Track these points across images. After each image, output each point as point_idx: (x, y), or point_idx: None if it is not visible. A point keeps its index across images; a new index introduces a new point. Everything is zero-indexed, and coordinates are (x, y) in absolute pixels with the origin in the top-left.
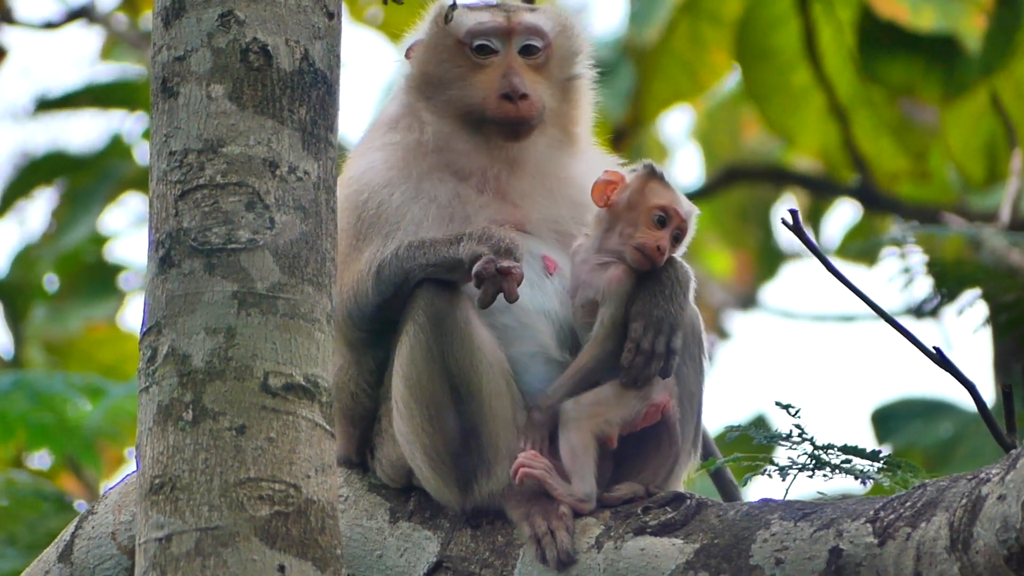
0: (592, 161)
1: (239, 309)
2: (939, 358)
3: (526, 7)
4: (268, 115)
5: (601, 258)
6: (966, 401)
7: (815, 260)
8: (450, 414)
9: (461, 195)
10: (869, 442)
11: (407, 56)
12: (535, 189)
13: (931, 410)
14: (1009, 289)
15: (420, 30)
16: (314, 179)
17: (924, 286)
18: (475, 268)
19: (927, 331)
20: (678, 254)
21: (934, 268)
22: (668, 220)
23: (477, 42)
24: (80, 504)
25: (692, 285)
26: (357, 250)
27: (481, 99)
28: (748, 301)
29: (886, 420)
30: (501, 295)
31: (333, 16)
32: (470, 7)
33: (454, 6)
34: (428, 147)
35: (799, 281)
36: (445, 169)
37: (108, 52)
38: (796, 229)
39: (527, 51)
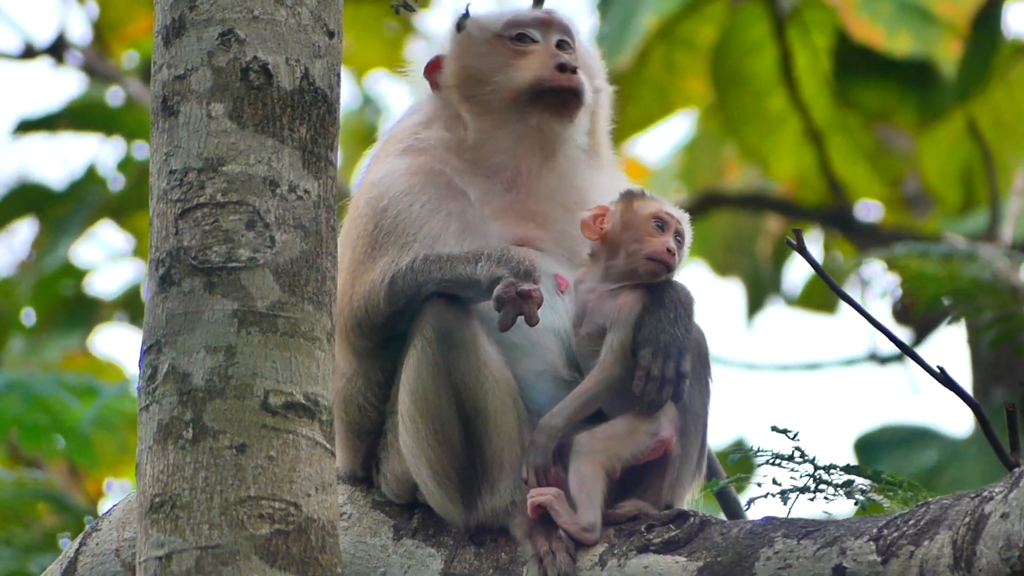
0: (611, 177)
1: (239, 328)
2: (943, 377)
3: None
4: (268, 134)
5: (610, 285)
6: (946, 428)
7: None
8: (455, 430)
9: (485, 196)
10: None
11: (426, 73)
12: (557, 195)
13: (913, 437)
14: (992, 305)
15: (439, 46)
16: (314, 198)
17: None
18: (496, 291)
19: (894, 375)
20: (679, 263)
21: (910, 283)
22: (667, 225)
23: (516, 31)
24: (88, 520)
25: (695, 306)
26: (371, 258)
27: (534, 74)
28: None
29: (869, 448)
30: (520, 317)
31: (333, 35)
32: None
33: (467, 14)
34: (467, 143)
35: (763, 331)
36: (477, 167)
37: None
38: (800, 248)
39: (561, 45)
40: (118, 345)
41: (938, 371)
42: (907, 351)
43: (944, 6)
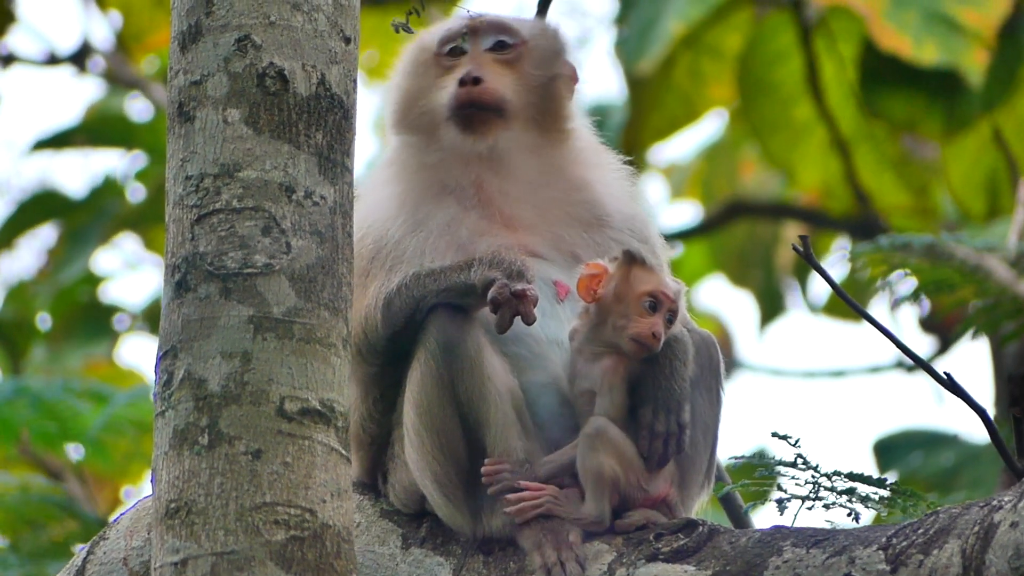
0: (591, 163)
1: (255, 333)
2: (950, 384)
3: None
4: (284, 140)
5: (595, 348)
6: (966, 432)
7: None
8: (460, 442)
9: (457, 218)
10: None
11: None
12: (531, 198)
13: (932, 441)
14: (976, 294)
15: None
16: (330, 204)
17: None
18: (490, 294)
19: (919, 383)
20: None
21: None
22: (659, 305)
23: (447, 47)
24: (80, 547)
25: (690, 351)
26: (362, 286)
27: (444, 96)
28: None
29: (888, 451)
30: (518, 318)
31: (350, 41)
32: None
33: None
34: (415, 170)
35: (789, 337)
36: (441, 189)
37: (101, 100)
38: (806, 256)
39: (497, 47)
40: (141, 355)
41: (945, 378)
42: (915, 359)
43: (971, 16)
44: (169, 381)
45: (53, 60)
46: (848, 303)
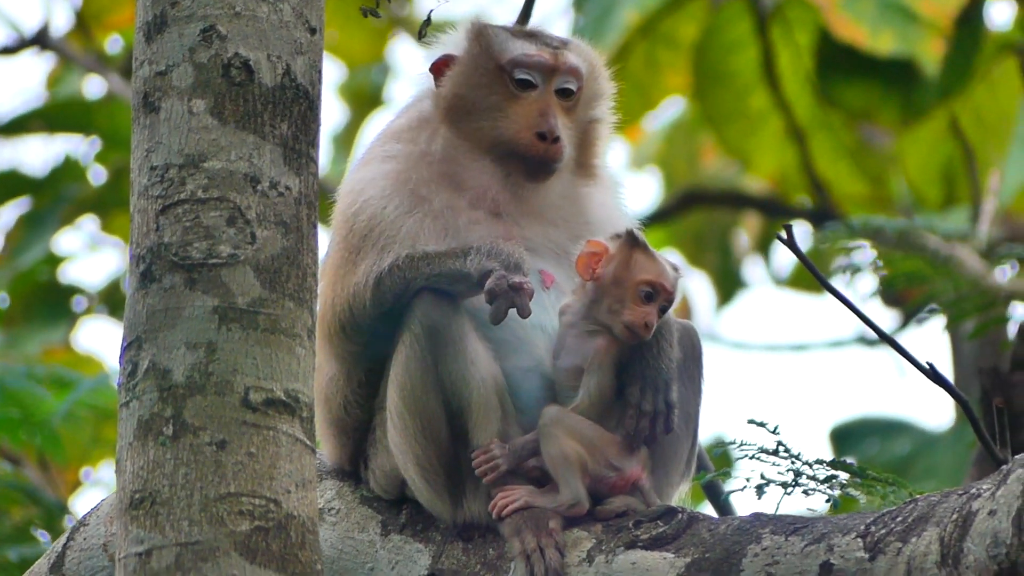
0: (603, 193)
1: (220, 324)
2: (933, 373)
3: (565, 41)
4: (250, 130)
5: (588, 326)
6: (922, 420)
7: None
8: (442, 426)
9: (455, 207)
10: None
11: (432, 70)
12: (537, 212)
13: (888, 428)
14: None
15: (449, 44)
16: (295, 194)
17: (870, 281)
18: (488, 284)
19: (881, 357)
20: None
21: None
22: (656, 295)
23: (520, 75)
24: (42, 532)
25: (675, 332)
26: (351, 263)
27: (514, 132)
28: None
29: (845, 438)
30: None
31: (315, 32)
32: (511, 31)
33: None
34: (434, 156)
35: (751, 311)
36: (444, 179)
37: (59, 78)
38: (791, 244)
39: (563, 93)
40: (99, 339)
41: (928, 367)
42: (897, 347)
43: (927, 5)
44: (134, 372)
45: (16, 47)
46: (833, 294)
